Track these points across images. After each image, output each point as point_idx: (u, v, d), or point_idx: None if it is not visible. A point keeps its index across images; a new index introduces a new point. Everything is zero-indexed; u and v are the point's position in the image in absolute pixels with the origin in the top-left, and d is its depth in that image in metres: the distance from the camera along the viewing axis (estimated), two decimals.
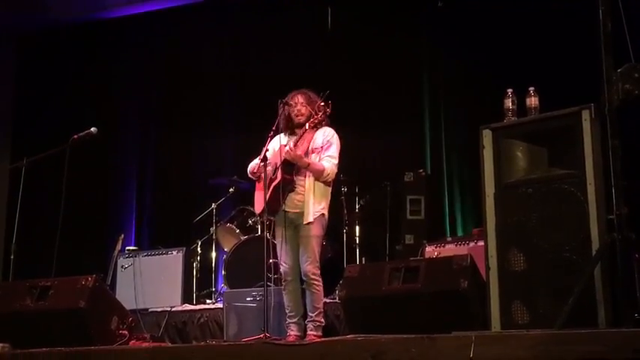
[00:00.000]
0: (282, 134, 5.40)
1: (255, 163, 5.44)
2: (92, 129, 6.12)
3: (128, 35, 9.03)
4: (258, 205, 5.44)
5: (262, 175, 5.25)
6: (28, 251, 6.14)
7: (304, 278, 5.19)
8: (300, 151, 5.15)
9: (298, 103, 5.33)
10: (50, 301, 5.11)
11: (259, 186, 5.43)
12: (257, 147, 5.47)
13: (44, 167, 6.35)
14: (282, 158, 5.19)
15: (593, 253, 3.55)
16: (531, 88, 4.06)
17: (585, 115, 3.75)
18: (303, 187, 5.21)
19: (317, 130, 5.26)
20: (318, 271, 5.20)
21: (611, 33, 3.45)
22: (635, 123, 4.10)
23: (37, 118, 9.06)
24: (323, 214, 5.23)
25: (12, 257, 5.89)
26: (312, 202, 5.17)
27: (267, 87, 7.33)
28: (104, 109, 8.67)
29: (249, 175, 5.54)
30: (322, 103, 5.18)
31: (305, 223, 5.16)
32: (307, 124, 5.22)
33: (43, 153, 6.11)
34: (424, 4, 7.70)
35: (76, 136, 6.03)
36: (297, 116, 5.32)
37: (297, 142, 5.20)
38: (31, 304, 5.16)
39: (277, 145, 5.35)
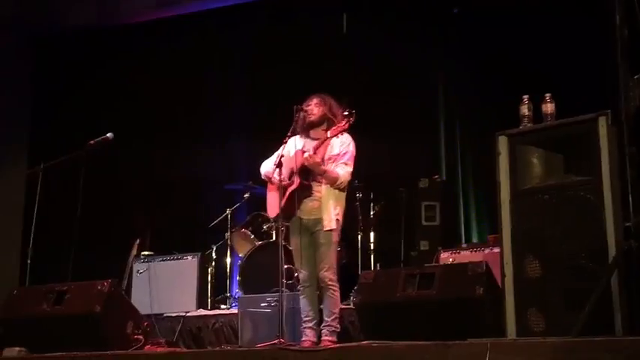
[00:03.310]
0: (297, 138, 5.39)
1: (269, 167, 5.43)
2: (108, 134, 6.15)
3: (143, 41, 9.05)
4: (271, 207, 5.44)
5: (274, 178, 5.26)
6: (44, 256, 6.18)
7: (322, 284, 5.19)
8: (318, 158, 5.15)
9: (312, 104, 5.34)
10: (66, 305, 5.14)
11: (272, 187, 5.43)
12: (271, 152, 5.47)
13: (61, 172, 6.38)
14: (300, 163, 5.18)
15: (610, 260, 3.54)
16: (547, 95, 4.05)
17: (602, 121, 3.73)
18: (320, 193, 5.21)
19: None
20: (336, 277, 5.20)
21: (628, 39, 3.44)
22: None
23: (53, 124, 9.12)
24: (338, 220, 5.24)
25: (29, 262, 5.92)
26: (332, 208, 5.18)
27: (281, 92, 7.35)
28: (121, 114, 8.70)
29: (263, 177, 5.54)
30: (346, 112, 5.17)
31: (325, 230, 5.16)
32: (329, 132, 5.20)
33: (60, 158, 6.15)
34: (440, 11, 7.69)
35: (92, 142, 6.07)
36: (309, 114, 5.31)
37: (318, 148, 5.20)
38: (48, 308, 5.19)
39: (292, 149, 5.35)
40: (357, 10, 8.00)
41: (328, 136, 5.20)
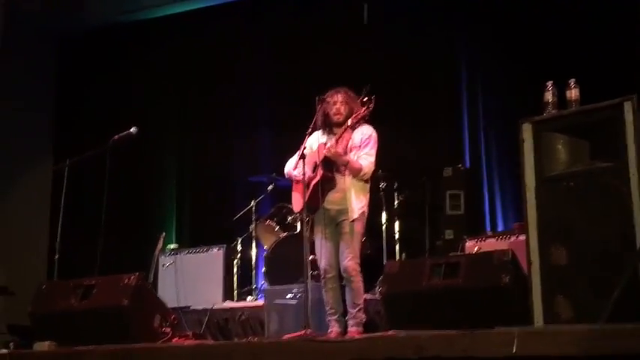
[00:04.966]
0: (319, 132, 5.40)
1: (292, 164, 5.45)
2: (132, 129, 6.20)
3: (165, 35, 9.10)
4: (297, 204, 5.45)
5: (298, 174, 5.26)
6: (71, 251, 6.23)
7: (344, 275, 5.20)
8: (340, 149, 5.15)
9: (337, 102, 5.31)
10: (94, 299, 5.18)
11: (297, 187, 5.43)
12: (295, 144, 5.48)
13: (86, 168, 6.43)
14: (322, 156, 5.19)
15: (638, 246, 3.50)
16: (572, 81, 4.00)
17: (627, 106, 3.68)
18: (344, 184, 5.22)
19: (356, 128, 5.25)
20: (359, 268, 5.20)
21: None
22: None
23: (78, 120, 9.20)
24: (363, 212, 5.23)
25: (56, 257, 5.98)
26: (354, 199, 5.18)
27: (303, 84, 7.34)
28: (143, 108, 8.76)
29: (287, 177, 5.56)
30: (365, 99, 5.16)
31: (350, 220, 5.16)
32: (349, 121, 5.20)
33: (85, 154, 6.20)
34: None
35: (116, 137, 6.11)
36: (336, 115, 5.30)
37: (338, 140, 5.20)
38: (76, 303, 5.23)
39: (315, 142, 5.35)
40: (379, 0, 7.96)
41: (348, 124, 5.20)
